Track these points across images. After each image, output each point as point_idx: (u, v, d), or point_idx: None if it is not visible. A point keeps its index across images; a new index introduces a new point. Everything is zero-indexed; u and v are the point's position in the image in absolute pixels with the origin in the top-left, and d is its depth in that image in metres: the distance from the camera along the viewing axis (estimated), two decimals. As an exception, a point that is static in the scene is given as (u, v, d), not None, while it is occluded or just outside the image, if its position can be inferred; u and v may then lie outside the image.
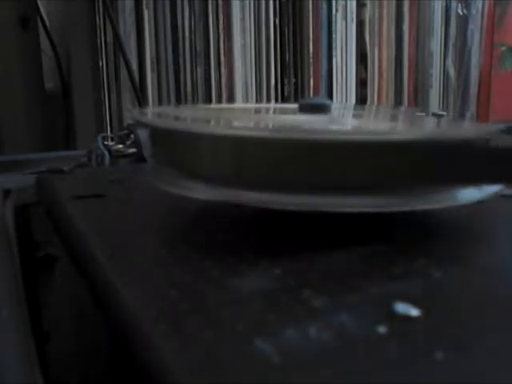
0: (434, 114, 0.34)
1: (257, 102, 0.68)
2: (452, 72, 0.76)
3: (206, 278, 0.17)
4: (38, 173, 0.36)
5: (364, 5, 0.71)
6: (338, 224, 0.21)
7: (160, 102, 0.64)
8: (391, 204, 0.20)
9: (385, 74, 0.73)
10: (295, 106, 0.29)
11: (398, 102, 0.74)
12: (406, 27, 0.73)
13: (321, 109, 0.27)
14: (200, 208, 0.25)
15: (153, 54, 0.64)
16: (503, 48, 0.78)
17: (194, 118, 0.30)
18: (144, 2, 0.62)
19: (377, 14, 0.72)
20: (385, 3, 0.72)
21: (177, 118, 0.29)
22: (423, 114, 0.34)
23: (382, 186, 0.20)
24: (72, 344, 0.29)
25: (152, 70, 0.64)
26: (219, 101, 0.66)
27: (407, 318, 0.15)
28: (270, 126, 0.29)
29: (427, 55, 0.75)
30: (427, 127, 0.27)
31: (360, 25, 0.72)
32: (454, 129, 0.24)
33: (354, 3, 0.71)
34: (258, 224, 0.23)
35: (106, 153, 0.39)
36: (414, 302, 0.15)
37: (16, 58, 0.60)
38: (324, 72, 0.71)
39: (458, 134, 0.20)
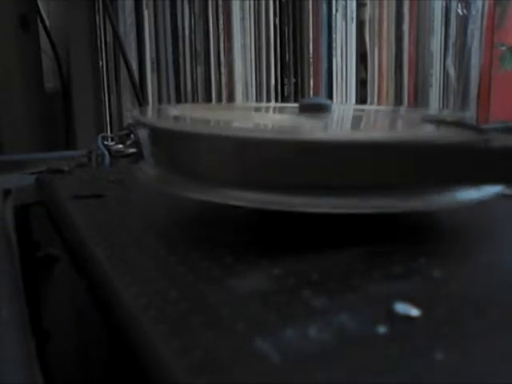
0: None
1: (257, 101, 0.68)
2: (452, 72, 0.76)
3: (206, 277, 0.17)
4: (38, 173, 0.36)
5: (364, 5, 0.71)
6: (337, 224, 0.21)
7: (160, 102, 0.64)
8: (391, 205, 0.20)
9: (385, 74, 0.73)
10: (294, 105, 0.29)
11: (398, 102, 0.74)
12: (406, 27, 0.73)
13: (321, 109, 0.27)
14: (200, 208, 0.25)
15: (153, 54, 0.64)
16: (503, 48, 0.78)
17: (195, 118, 0.30)
18: (144, 2, 0.62)
19: (377, 14, 0.72)
20: (385, 3, 0.72)
21: (177, 119, 0.29)
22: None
23: (383, 186, 0.20)
24: (72, 344, 0.29)
25: (152, 70, 0.64)
26: (219, 101, 0.66)
27: (407, 318, 0.15)
28: (271, 126, 0.29)
29: (427, 55, 0.75)
30: (427, 128, 0.27)
31: (360, 25, 0.72)
32: (454, 129, 0.24)
33: (354, 3, 0.71)
34: (257, 224, 0.23)
35: (106, 153, 0.39)
36: (414, 302, 0.15)
37: (16, 58, 0.60)
38: (324, 72, 0.71)
39: (458, 135, 0.20)
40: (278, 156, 0.19)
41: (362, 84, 0.73)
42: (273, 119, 0.32)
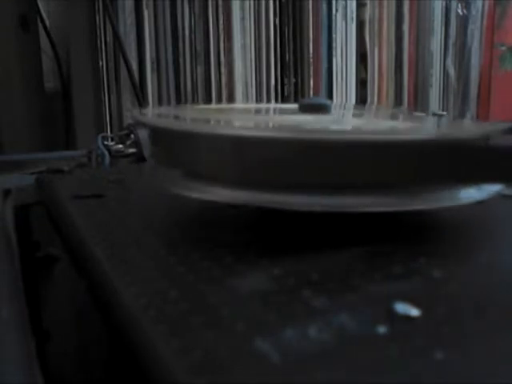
0: (435, 114, 0.34)
1: (257, 101, 0.68)
2: (452, 72, 0.76)
3: (206, 277, 0.17)
4: (38, 173, 0.36)
5: (364, 5, 0.71)
6: (337, 224, 0.21)
7: (160, 102, 0.64)
8: (391, 204, 0.20)
9: (385, 74, 0.73)
10: (295, 106, 0.29)
11: (398, 101, 0.74)
12: (406, 27, 0.73)
13: (321, 109, 0.27)
14: (199, 208, 0.25)
15: (153, 54, 0.64)
16: (503, 48, 0.78)
17: (195, 118, 0.30)
18: (144, 2, 0.62)
19: (377, 14, 0.72)
20: (385, 3, 0.72)
21: (177, 118, 0.28)
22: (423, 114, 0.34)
23: (382, 185, 0.20)
24: (72, 344, 0.29)
25: (152, 70, 0.64)
26: (219, 101, 0.66)
27: (407, 318, 0.15)
28: (271, 125, 0.29)
29: (427, 55, 0.75)
30: (427, 127, 0.27)
31: (360, 25, 0.72)
32: (454, 128, 0.24)
33: (354, 3, 0.71)
34: (257, 224, 0.23)
35: (106, 153, 0.39)
36: (414, 302, 0.15)
37: (16, 58, 0.60)
38: (324, 72, 0.71)
39: (458, 134, 0.20)
40: (279, 155, 0.19)
41: (362, 84, 0.73)
42: (273, 119, 0.32)
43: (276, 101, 0.69)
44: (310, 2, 0.69)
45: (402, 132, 0.21)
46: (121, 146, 0.41)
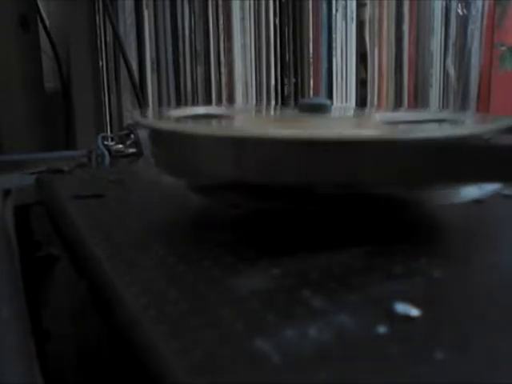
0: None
1: (257, 102, 0.68)
2: (452, 72, 0.76)
3: (206, 278, 0.17)
4: (38, 173, 0.36)
5: (364, 5, 0.71)
6: (336, 223, 0.21)
7: (160, 102, 0.64)
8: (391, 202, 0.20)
9: (385, 74, 0.73)
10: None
11: (398, 102, 0.74)
12: (406, 27, 0.73)
13: (321, 109, 0.27)
14: (199, 208, 0.25)
15: (153, 54, 0.64)
16: (503, 48, 0.78)
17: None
18: (144, 2, 0.62)
19: (377, 14, 0.72)
20: (385, 3, 0.72)
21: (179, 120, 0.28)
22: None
23: (383, 185, 0.20)
24: (72, 344, 0.29)
25: (152, 71, 0.64)
26: (219, 101, 0.66)
27: (407, 318, 0.15)
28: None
29: (427, 55, 0.75)
30: (427, 126, 0.27)
31: (360, 25, 0.72)
32: (454, 127, 0.24)
33: (354, 3, 0.71)
34: (257, 224, 0.23)
35: (106, 153, 0.39)
36: (414, 302, 0.15)
37: (16, 58, 0.60)
38: (324, 72, 0.71)
39: (458, 133, 0.20)
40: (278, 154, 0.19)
41: (362, 84, 0.73)
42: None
43: (276, 101, 0.69)
44: (310, 2, 0.69)
45: (402, 132, 0.21)
46: (121, 145, 0.41)
